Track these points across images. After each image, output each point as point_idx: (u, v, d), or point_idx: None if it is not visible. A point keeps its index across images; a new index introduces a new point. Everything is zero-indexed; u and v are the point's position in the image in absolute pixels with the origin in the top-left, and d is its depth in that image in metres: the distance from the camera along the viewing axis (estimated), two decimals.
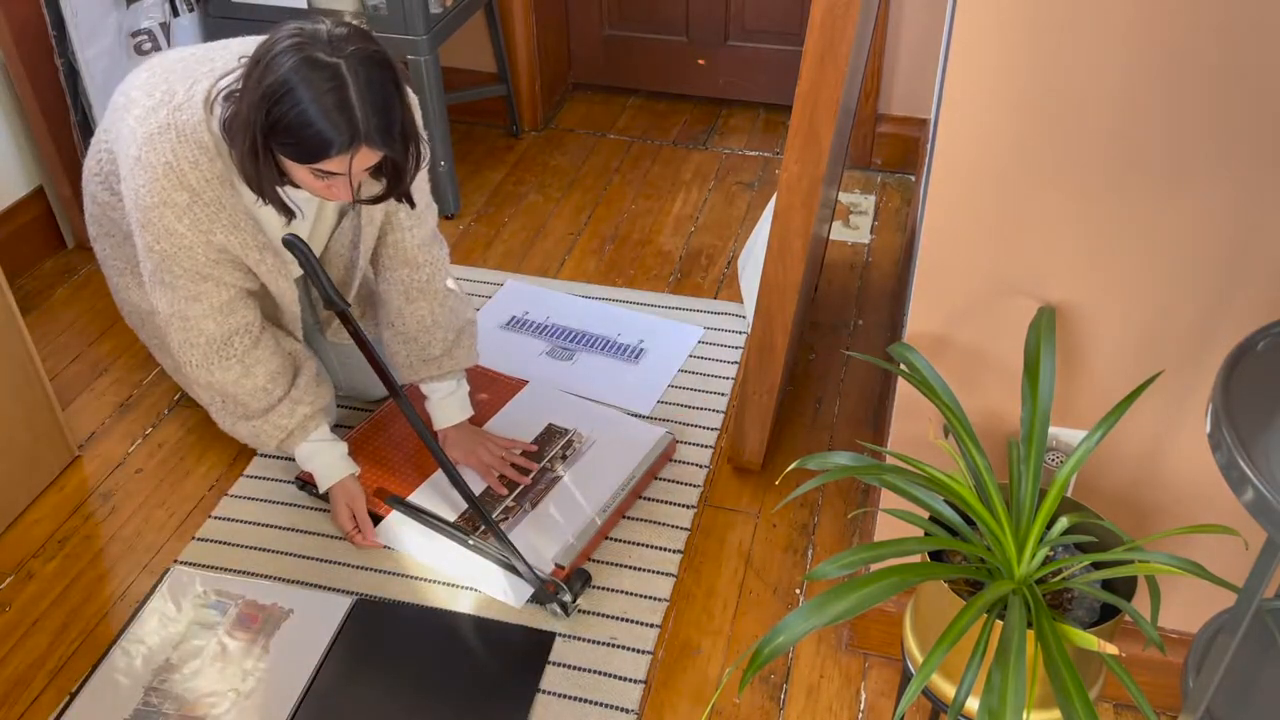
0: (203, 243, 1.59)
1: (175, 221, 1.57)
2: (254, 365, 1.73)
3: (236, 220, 1.60)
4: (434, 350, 1.87)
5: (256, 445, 1.83)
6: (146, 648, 1.68)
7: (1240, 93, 1.09)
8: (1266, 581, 0.94)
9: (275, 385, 1.77)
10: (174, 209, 1.56)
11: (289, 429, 1.79)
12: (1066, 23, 1.10)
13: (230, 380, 1.73)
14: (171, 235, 1.58)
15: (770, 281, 1.72)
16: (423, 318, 1.85)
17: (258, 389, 1.75)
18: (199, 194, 1.56)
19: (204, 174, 1.55)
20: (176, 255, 1.60)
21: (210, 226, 1.58)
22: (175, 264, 1.61)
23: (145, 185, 1.56)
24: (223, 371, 1.71)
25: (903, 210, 2.71)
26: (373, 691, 1.61)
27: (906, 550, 1.14)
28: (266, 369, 1.75)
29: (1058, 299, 1.27)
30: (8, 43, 2.28)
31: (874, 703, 1.61)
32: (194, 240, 1.59)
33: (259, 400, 1.76)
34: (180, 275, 1.63)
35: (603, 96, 3.27)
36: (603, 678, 1.63)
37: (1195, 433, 1.33)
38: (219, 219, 1.58)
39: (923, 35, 2.66)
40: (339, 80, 1.41)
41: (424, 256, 1.82)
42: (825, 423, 2.11)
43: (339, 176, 1.48)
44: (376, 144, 1.45)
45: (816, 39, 1.46)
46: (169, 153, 1.54)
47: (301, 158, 1.45)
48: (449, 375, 1.90)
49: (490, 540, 1.77)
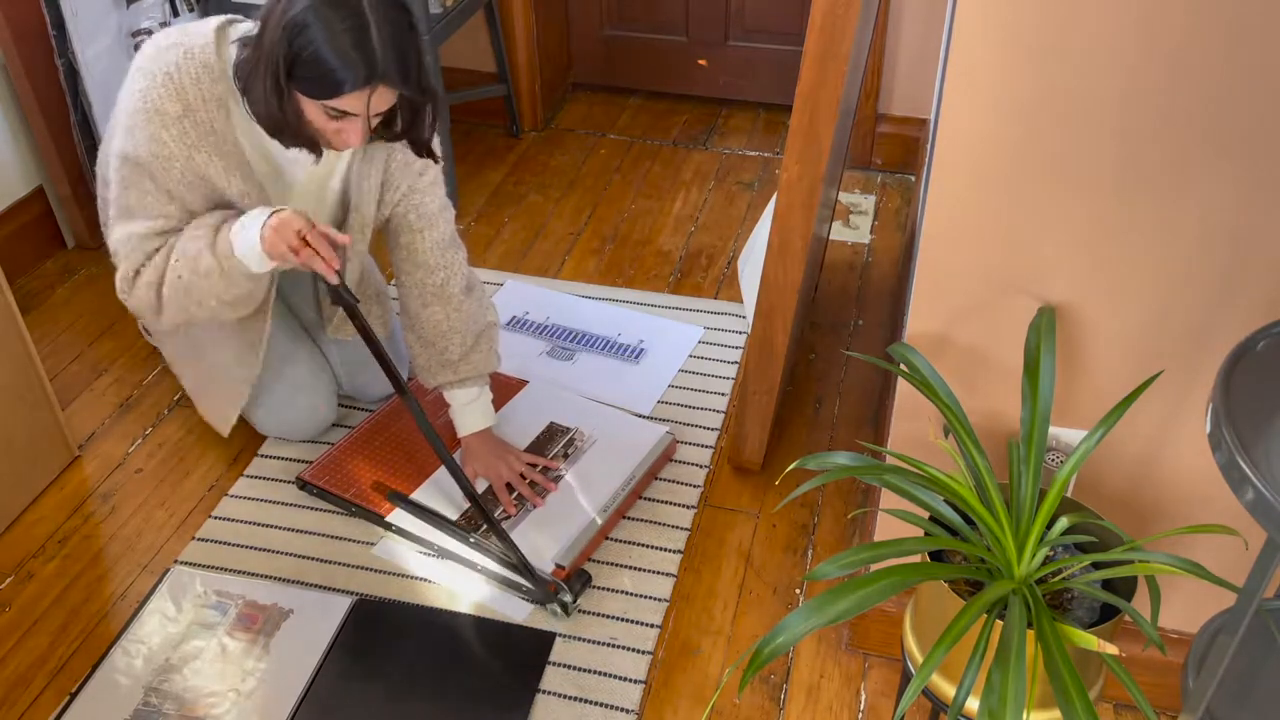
0: (184, 158, 1.57)
1: (161, 129, 1.55)
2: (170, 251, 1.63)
3: (223, 147, 1.58)
4: (451, 354, 1.85)
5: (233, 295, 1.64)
6: (147, 648, 1.68)
7: (1240, 92, 1.09)
8: (1266, 581, 0.94)
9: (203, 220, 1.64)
10: (164, 117, 1.55)
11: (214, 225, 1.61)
12: (1066, 23, 1.10)
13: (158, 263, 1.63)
14: (154, 142, 1.56)
15: (770, 281, 1.72)
16: (438, 322, 1.83)
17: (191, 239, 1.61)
18: (192, 109, 1.55)
19: (203, 92, 1.55)
20: (151, 166, 1.57)
21: (197, 143, 1.57)
22: (147, 176, 1.58)
23: (141, 89, 1.55)
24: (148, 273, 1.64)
25: (903, 210, 2.71)
26: (373, 691, 1.61)
27: (906, 550, 1.14)
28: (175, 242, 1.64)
29: (1058, 299, 1.27)
30: (8, 43, 2.28)
31: (874, 703, 1.61)
32: (176, 152, 1.57)
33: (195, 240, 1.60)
34: (148, 194, 1.59)
35: (603, 96, 3.27)
36: (603, 678, 1.63)
37: (1195, 433, 1.33)
38: (206, 140, 1.57)
39: (923, 35, 2.66)
40: (360, 17, 1.42)
41: (438, 260, 1.81)
42: (825, 423, 2.11)
43: (352, 118, 1.49)
44: (394, 82, 1.46)
45: (816, 39, 1.46)
46: (172, 65, 1.54)
47: (319, 93, 1.46)
48: (469, 381, 1.88)
49: (491, 539, 1.77)
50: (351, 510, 1.89)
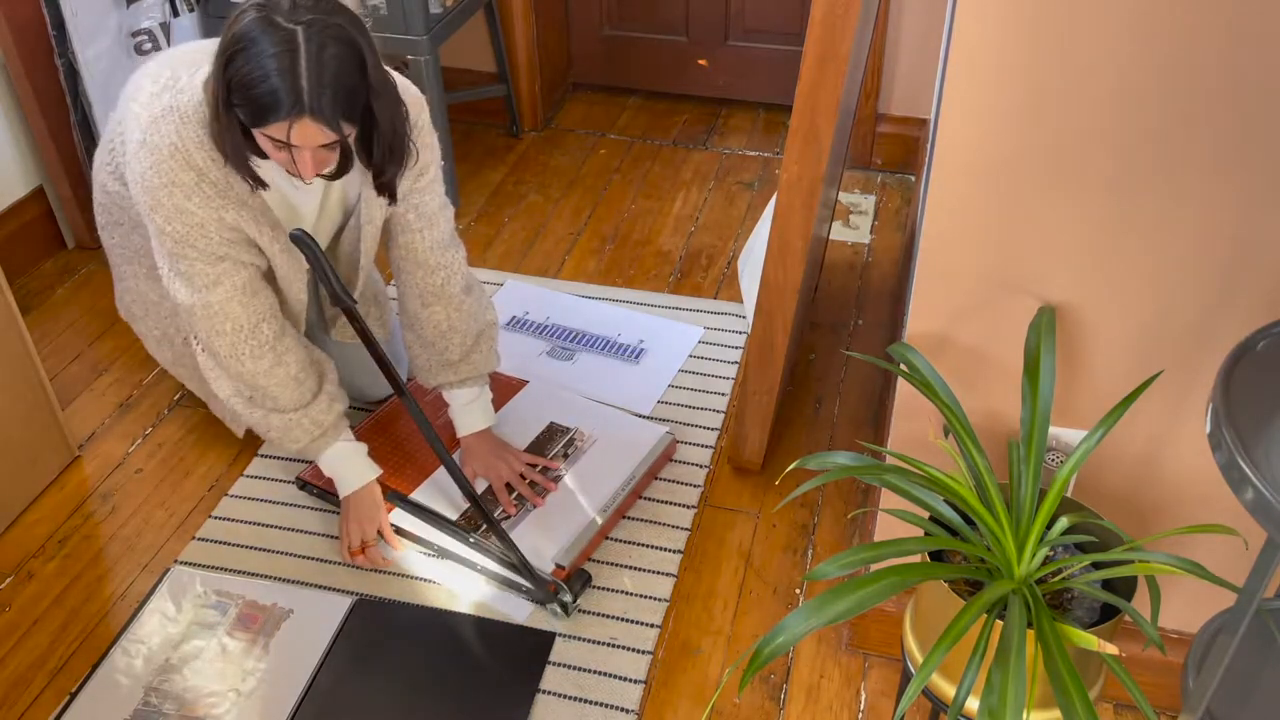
0: (215, 220, 1.59)
1: (185, 200, 1.56)
2: (285, 354, 1.72)
3: (244, 198, 1.60)
4: (452, 355, 1.86)
5: (284, 441, 1.78)
6: (146, 648, 1.68)
7: (1240, 92, 1.09)
8: (1266, 581, 0.94)
9: (307, 377, 1.75)
10: (182, 188, 1.55)
11: (325, 425, 1.77)
12: (1066, 22, 1.10)
13: (263, 370, 1.70)
14: (183, 214, 1.57)
15: (770, 281, 1.72)
16: (439, 322, 1.84)
17: (289, 379, 1.73)
18: (205, 173, 1.55)
19: (209, 153, 1.55)
20: (190, 236, 1.59)
21: (221, 204, 1.58)
22: (190, 246, 1.60)
23: (151, 167, 1.56)
24: (254, 360, 1.69)
25: (903, 210, 2.71)
26: (373, 691, 1.61)
27: (906, 550, 1.14)
28: (297, 359, 1.73)
29: (1058, 299, 1.27)
30: (8, 43, 2.28)
31: (874, 703, 1.61)
32: (205, 217, 1.58)
33: (291, 393, 1.73)
34: (196, 259, 1.61)
35: (603, 96, 3.27)
36: (603, 678, 1.63)
37: (1195, 433, 1.33)
38: (228, 196, 1.58)
39: (923, 35, 2.66)
40: (291, 45, 1.39)
41: (437, 260, 1.80)
42: (825, 423, 2.11)
43: (298, 149, 1.46)
44: (323, 118, 1.42)
45: (816, 39, 1.46)
46: (173, 134, 1.54)
47: (250, 119, 1.44)
48: (469, 381, 1.89)
49: (491, 539, 1.77)
50: None
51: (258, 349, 1.69)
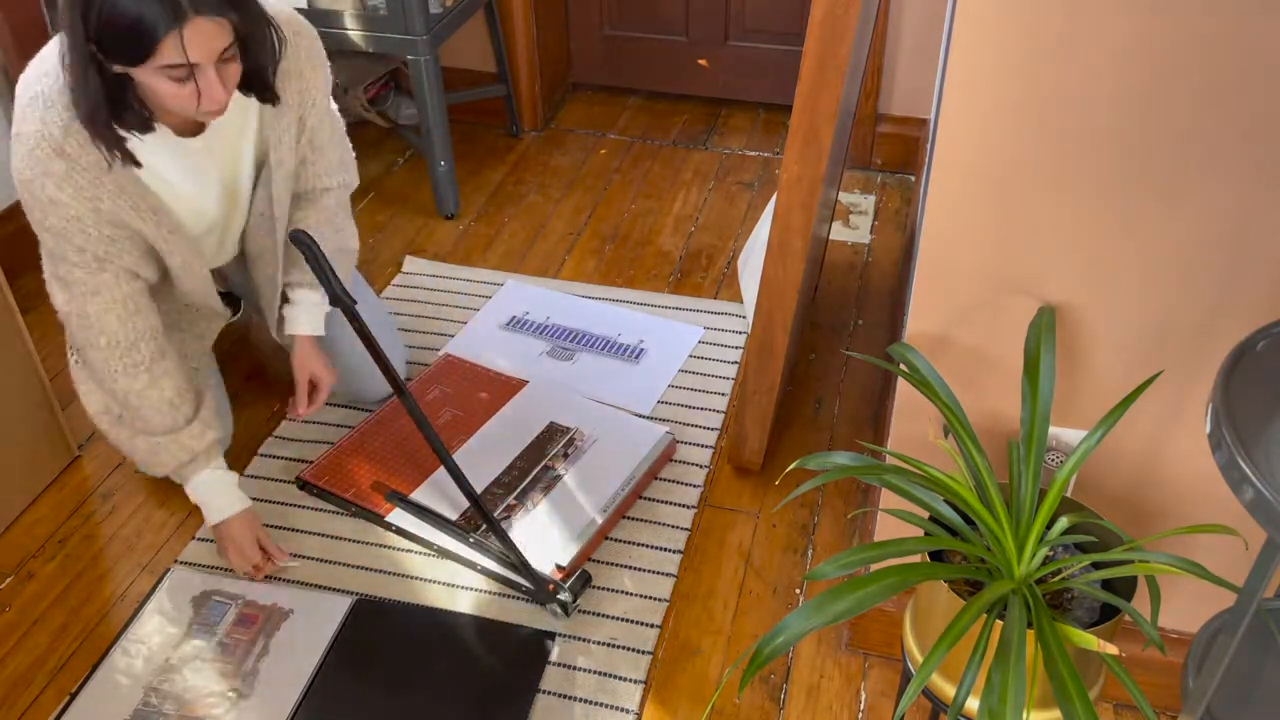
0: (90, 211, 1.50)
1: (56, 190, 1.48)
2: (161, 377, 1.66)
3: (122, 184, 1.51)
4: None
5: (150, 465, 1.75)
6: (146, 648, 1.68)
7: (1240, 92, 1.09)
8: (1266, 581, 0.94)
9: (183, 402, 1.69)
10: (53, 178, 1.47)
11: (195, 452, 1.72)
12: (1066, 22, 1.10)
13: (136, 390, 1.64)
14: (56, 206, 1.49)
15: (770, 281, 1.72)
16: (307, 227, 1.79)
17: (164, 403, 1.67)
18: (75, 160, 1.47)
19: (76, 138, 1.46)
20: (67, 231, 1.51)
21: (95, 193, 1.49)
22: (68, 244, 1.52)
23: (22, 158, 1.48)
24: (128, 379, 1.63)
25: (903, 210, 2.71)
26: (373, 691, 1.61)
27: (906, 550, 1.14)
28: (174, 383, 1.68)
29: (1058, 299, 1.27)
30: (8, 43, 2.28)
31: (874, 703, 1.61)
32: (80, 209, 1.50)
33: (164, 417, 1.68)
34: (76, 264, 1.55)
35: (603, 96, 3.27)
36: (603, 678, 1.63)
37: (1195, 433, 1.33)
38: (103, 183, 1.49)
39: (923, 35, 2.66)
40: None
41: (321, 182, 1.81)
42: (825, 423, 2.11)
43: (201, 71, 1.37)
44: (211, 11, 1.33)
45: (816, 39, 1.46)
46: (38, 121, 1.46)
47: (135, 56, 1.34)
48: (316, 286, 1.85)
49: (491, 539, 1.77)
50: (351, 510, 1.89)
51: (132, 368, 1.63)
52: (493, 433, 1.99)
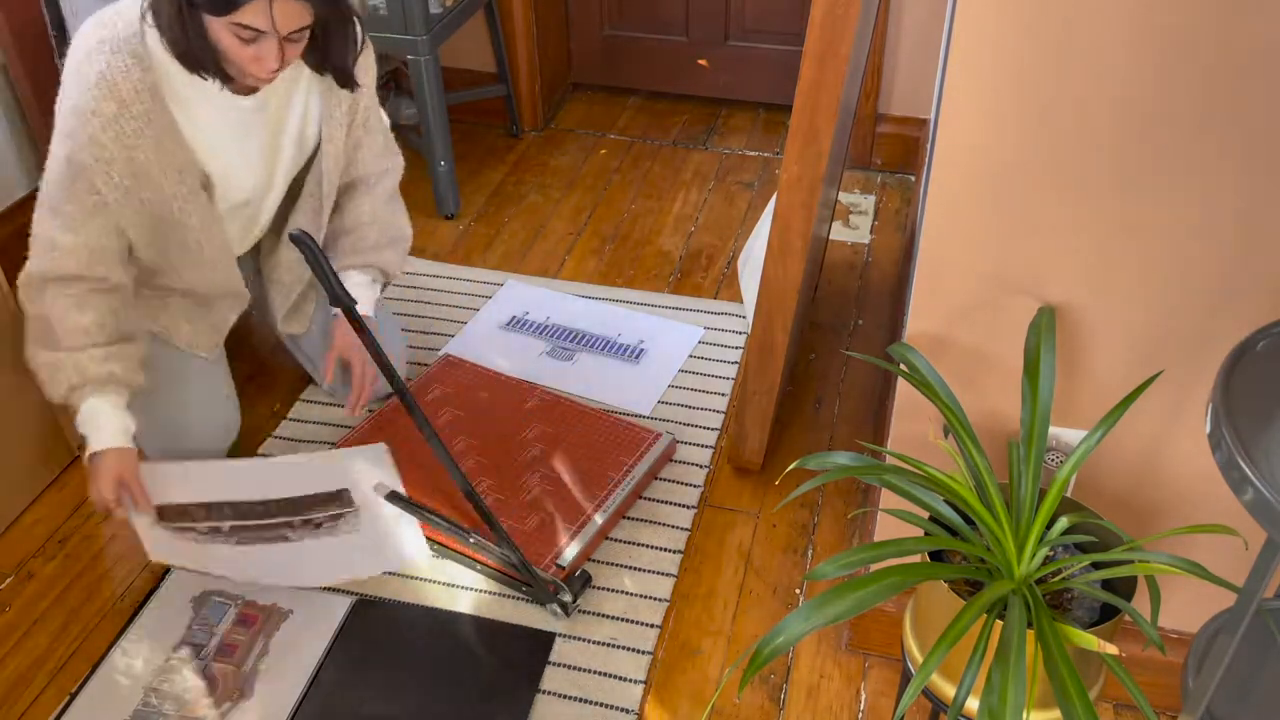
0: (124, 158, 1.56)
1: (100, 131, 1.53)
2: (88, 306, 1.63)
3: (161, 139, 1.57)
4: (367, 242, 1.91)
5: (49, 385, 1.66)
6: (146, 648, 1.68)
7: (1241, 92, 1.09)
8: (1266, 581, 0.94)
9: (99, 333, 1.64)
10: (101, 118, 1.53)
11: (89, 376, 1.64)
12: (1066, 22, 1.10)
13: (58, 311, 1.62)
14: (94, 145, 1.54)
15: (770, 281, 1.72)
16: (362, 212, 1.89)
17: (79, 327, 1.63)
18: (128, 105, 1.53)
19: (134, 84, 1.53)
20: (91, 170, 1.55)
21: (135, 141, 1.55)
22: (83, 181, 1.56)
23: (77, 93, 1.54)
24: (54, 299, 1.62)
25: (903, 210, 2.71)
26: (373, 692, 1.61)
27: (906, 550, 1.14)
28: (97, 314, 1.64)
29: (1058, 299, 1.27)
30: (8, 43, 2.28)
31: (874, 703, 1.61)
32: (115, 153, 1.55)
33: (73, 337, 1.63)
34: (77, 197, 1.57)
35: (603, 96, 3.27)
36: (603, 678, 1.63)
37: (1195, 433, 1.33)
38: (145, 134, 1.55)
39: (923, 35, 2.66)
40: None
41: (372, 167, 1.88)
42: (825, 423, 2.11)
43: (265, 39, 1.44)
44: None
45: (816, 39, 1.46)
46: (102, 63, 1.52)
47: (218, 6, 1.42)
48: (372, 270, 1.93)
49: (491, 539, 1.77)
50: None
51: (62, 291, 1.62)
52: None
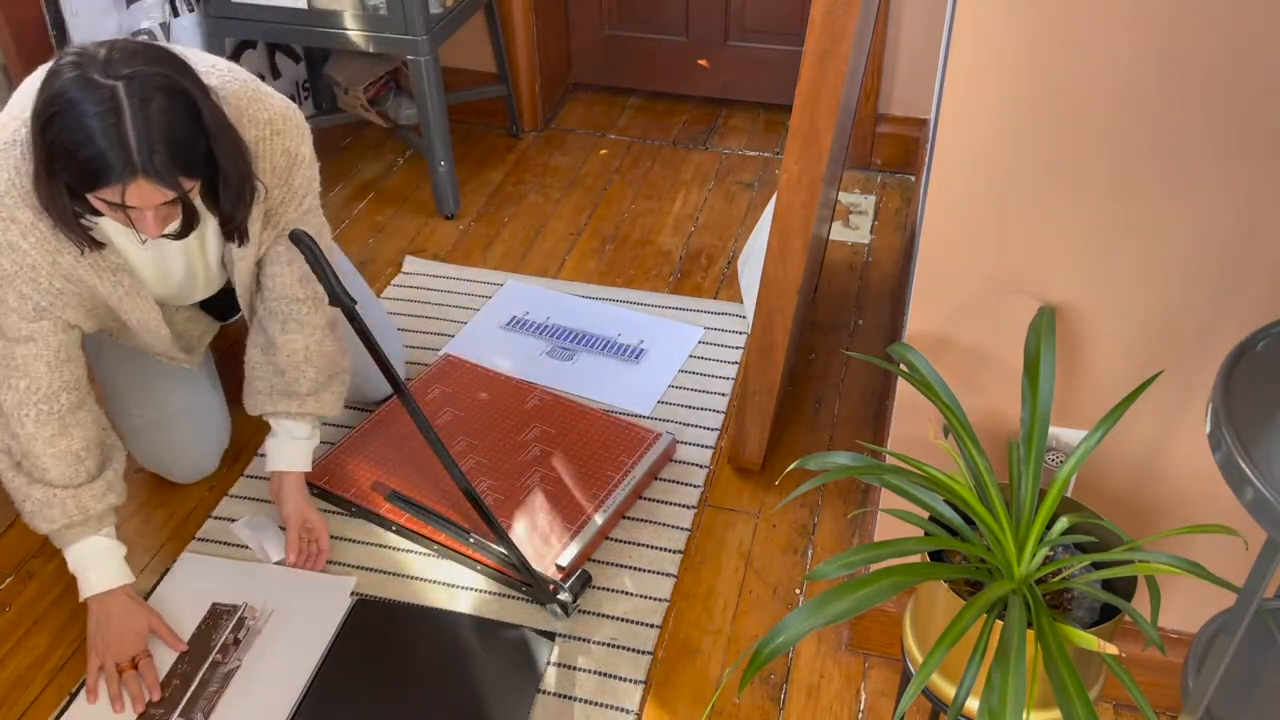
0: (48, 264, 1.48)
1: (20, 239, 1.45)
2: (73, 427, 1.58)
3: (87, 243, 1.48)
4: (301, 388, 1.77)
5: (37, 519, 1.60)
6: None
7: (1240, 92, 1.09)
8: (1266, 581, 0.94)
9: (88, 456, 1.61)
10: (18, 225, 1.44)
11: (89, 513, 1.61)
12: (1066, 22, 1.10)
13: (44, 436, 1.56)
14: (14, 252, 1.46)
15: (770, 281, 1.72)
16: (295, 351, 1.74)
17: (69, 454, 1.58)
18: (42, 212, 1.44)
19: None
20: (17, 277, 1.47)
21: (57, 245, 1.47)
22: (11, 288, 1.48)
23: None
24: (36, 425, 1.55)
25: (903, 210, 2.71)
26: (373, 691, 1.61)
27: (906, 550, 1.15)
28: (84, 434, 1.60)
29: (1058, 299, 1.27)
30: (8, 43, 2.28)
31: (874, 703, 1.61)
32: (39, 259, 1.47)
33: (66, 468, 1.58)
34: (13, 308, 1.50)
35: (603, 96, 3.27)
36: (603, 678, 1.63)
37: (1195, 433, 1.33)
38: (66, 240, 1.46)
39: (923, 35, 2.66)
40: (112, 103, 1.28)
41: (304, 291, 1.72)
42: (825, 423, 2.11)
43: (137, 211, 1.36)
44: (158, 178, 1.32)
45: (816, 39, 1.46)
46: (11, 169, 1.43)
47: (79, 185, 1.34)
48: (308, 419, 1.80)
49: (491, 539, 1.77)
50: (351, 510, 1.89)
51: (46, 415, 1.56)
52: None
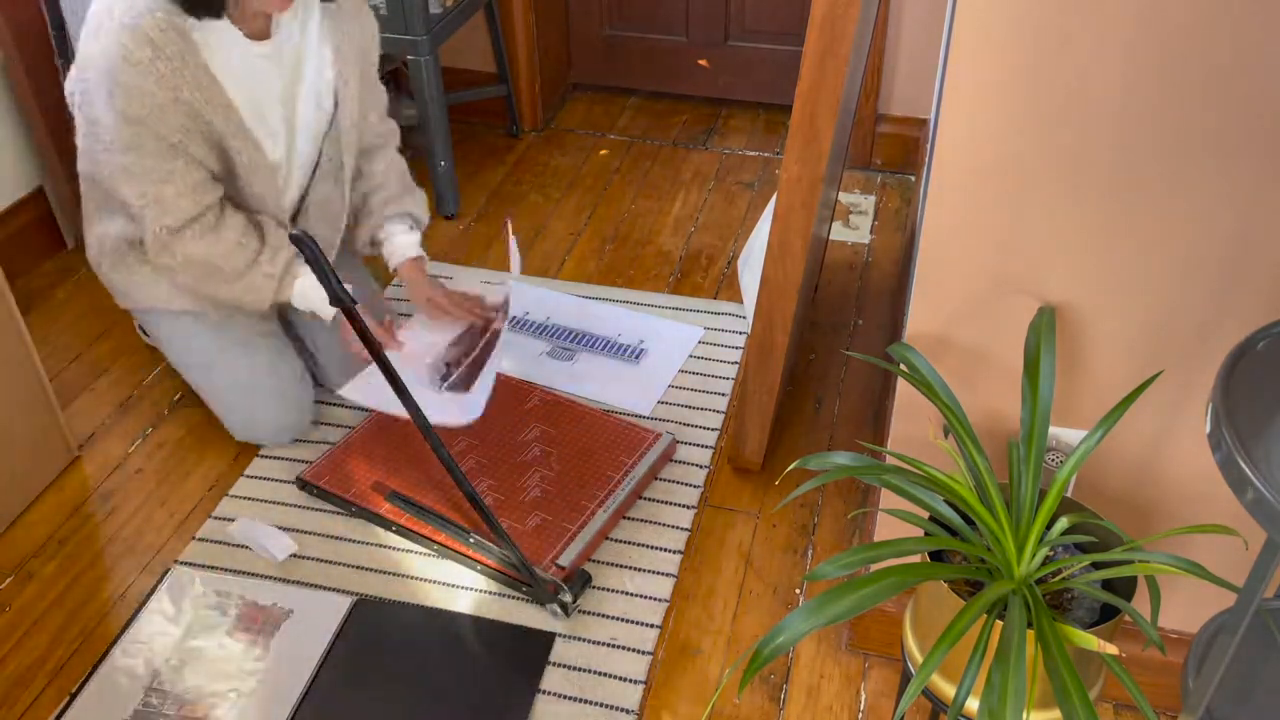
0: (171, 99, 1.62)
1: (142, 79, 1.59)
2: (222, 228, 1.78)
3: (199, 78, 1.64)
4: (391, 192, 2.03)
5: (256, 303, 1.86)
6: (147, 648, 1.68)
7: (1240, 92, 1.09)
8: (1266, 581, 0.94)
9: (249, 239, 1.81)
10: (139, 66, 1.59)
11: (277, 274, 1.83)
12: (1066, 23, 1.10)
13: (202, 249, 1.77)
14: (142, 94, 1.60)
15: (770, 281, 1.72)
16: (380, 171, 2.02)
17: (233, 246, 1.79)
18: (160, 48, 1.59)
19: (158, 23, 1.59)
20: (148, 118, 1.62)
21: (175, 82, 1.62)
22: (146, 130, 1.64)
23: (109, 48, 1.59)
24: (194, 241, 1.76)
25: (903, 210, 2.71)
26: (373, 691, 1.61)
27: (906, 550, 1.15)
28: (235, 227, 1.79)
29: (1058, 299, 1.27)
30: (8, 43, 2.28)
31: (874, 703, 1.61)
32: (163, 96, 1.61)
33: (237, 257, 1.80)
34: (152, 151, 1.66)
35: (603, 96, 3.27)
36: (603, 678, 1.63)
37: (1195, 433, 1.33)
38: (183, 74, 1.62)
39: (923, 35, 2.66)
40: None
41: (381, 126, 2.02)
42: (825, 423, 2.11)
43: None
44: None
45: (816, 39, 1.46)
46: (125, 14, 1.58)
47: None
48: (404, 218, 2.04)
49: (492, 539, 1.77)
50: (351, 510, 1.89)
51: (201, 230, 1.76)
52: None
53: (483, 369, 1.92)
